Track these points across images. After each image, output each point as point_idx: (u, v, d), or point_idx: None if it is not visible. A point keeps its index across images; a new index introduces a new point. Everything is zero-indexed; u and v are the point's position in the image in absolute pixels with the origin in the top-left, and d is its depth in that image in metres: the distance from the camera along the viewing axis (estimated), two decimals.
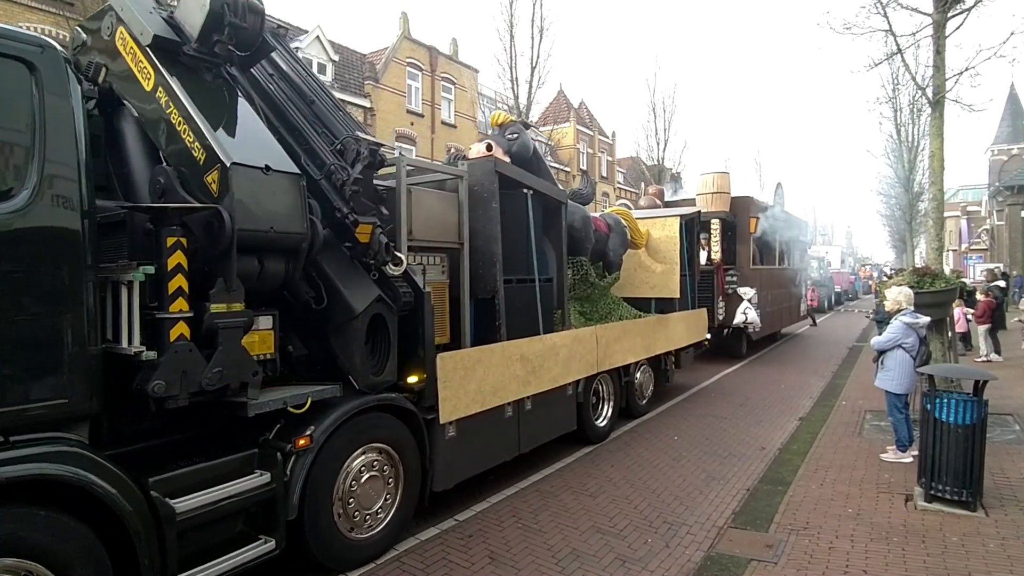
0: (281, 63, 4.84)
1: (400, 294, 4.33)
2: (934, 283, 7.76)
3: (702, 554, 4.36)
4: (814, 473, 5.97)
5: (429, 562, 4.27)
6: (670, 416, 8.61)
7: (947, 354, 8.19)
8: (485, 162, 5.89)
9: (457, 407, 4.83)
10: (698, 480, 5.95)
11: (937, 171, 8.69)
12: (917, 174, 25.92)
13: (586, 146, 36.03)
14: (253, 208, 3.48)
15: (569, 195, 8.36)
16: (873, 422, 7.78)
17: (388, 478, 4.44)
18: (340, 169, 4.18)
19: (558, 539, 4.64)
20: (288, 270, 3.80)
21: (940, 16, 8.21)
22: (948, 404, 4.90)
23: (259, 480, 3.62)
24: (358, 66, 22.49)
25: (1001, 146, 35.44)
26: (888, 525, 4.72)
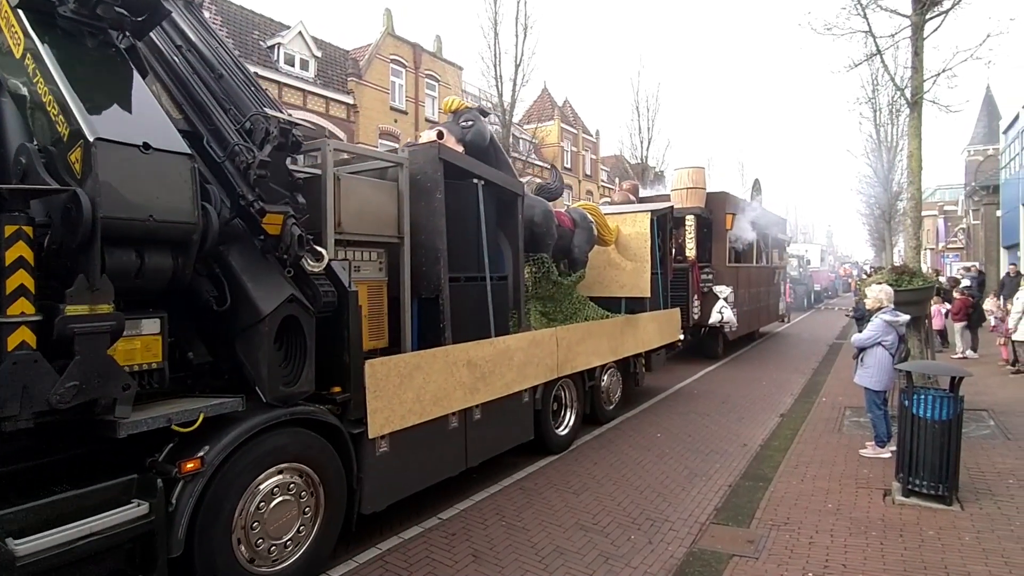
0: (190, 34, 4.37)
1: (320, 293, 3.82)
2: (912, 281, 7.87)
3: (684, 550, 4.37)
4: (795, 469, 6.02)
5: (412, 561, 4.23)
6: (653, 414, 8.62)
7: (924, 351, 8.32)
8: (428, 149, 5.40)
9: (390, 419, 4.35)
10: (681, 477, 5.97)
11: (915, 171, 8.79)
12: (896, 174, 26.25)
13: (570, 144, 36.07)
14: (126, 192, 2.96)
15: (536, 190, 8.16)
16: (852, 418, 7.87)
17: (304, 503, 3.87)
18: (245, 151, 3.68)
19: (542, 537, 4.63)
20: (177, 266, 3.28)
21: (918, 18, 8.31)
22: (925, 400, 4.95)
23: (134, 512, 3.04)
24: (341, 62, 22.29)
25: (977, 147, 36.04)
26: (867, 520, 4.76)
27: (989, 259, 27.11)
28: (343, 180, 4.62)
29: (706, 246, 13.64)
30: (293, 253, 3.70)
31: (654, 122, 30.28)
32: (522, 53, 20.48)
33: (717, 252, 13.67)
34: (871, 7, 8.89)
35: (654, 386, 10.22)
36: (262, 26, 20.15)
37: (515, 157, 24.02)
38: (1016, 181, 23.41)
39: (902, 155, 23.45)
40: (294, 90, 19.38)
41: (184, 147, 3.36)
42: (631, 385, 8.86)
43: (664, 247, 10.09)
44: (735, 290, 13.66)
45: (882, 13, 8.89)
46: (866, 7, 8.91)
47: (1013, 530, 4.48)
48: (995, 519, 4.68)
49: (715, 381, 11.25)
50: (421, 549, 4.41)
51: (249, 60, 17.81)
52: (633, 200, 12.58)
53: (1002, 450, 6.37)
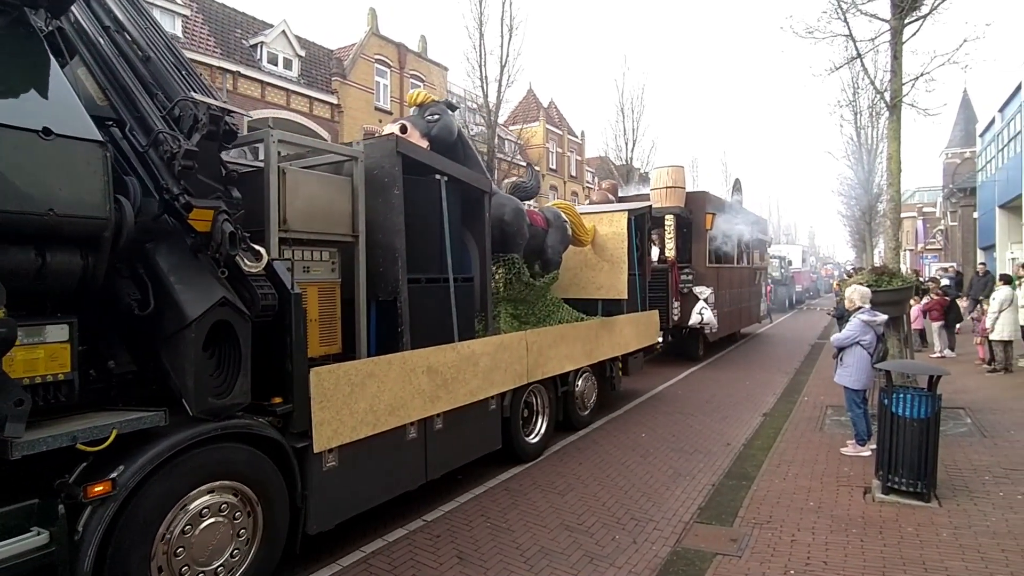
0: (118, 13, 4.08)
1: (259, 296, 3.52)
2: (891, 282, 7.98)
3: (668, 549, 4.39)
4: (777, 468, 6.07)
5: (396, 563, 4.20)
6: (637, 414, 8.64)
7: (903, 351, 8.45)
8: (385, 142, 5.06)
9: (339, 431, 4.04)
10: (665, 476, 6.00)
11: (894, 173, 8.91)
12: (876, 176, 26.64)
13: (555, 145, 36.14)
14: (20, 183, 2.67)
15: (510, 188, 7.97)
16: (833, 417, 7.94)
17: (239, 524, 3.54)
18: (170, 139, 3.35)
19: (527, 538, 4.63)
20: (88, 266, 2.97)
21: (897, 22, 8.42)
22: (904, 399, 5.01)
23: (31, 542, 2.71)
24: (325, 62, 22.15)
25: (954, 149, 36.69)
26: (847, 517, 4.82)
27: (966, 260, 27.60)
28: (289, 174, 4.30)
29: (686, 246, 13.49)
30: (225, 252, 3.39)
31: (639, 123, 30.43)
32: (507, 54, 20.48)
33: (697, 252, 13.47)
34: (851, 11, 8.98)
35: (635, 389, 10.08)
36: (245, 25, 19.97)
37: (500, 158, 23.94)
38: (992, 183, 23.85)
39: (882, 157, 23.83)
40: (277, 89, 19.23)
41: (95, 134, 3.02)
42: (607, 390, 8.59)
43: (642, 247, 9.83)
44: (715, 291, 13.50)
45: (862, 17, 9.00)
46: (846, 11, 9.01)
47: (989, 525, 4.54)
48: (972, 515, 4.75)
49: (697, 383, 11.16)
50: (405, 551, 4.39)
51: (231, 59, 17.66)
52: (612, 200, 12.33)
53: (978, 447, 6.47)
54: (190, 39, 17.00)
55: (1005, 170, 21.93)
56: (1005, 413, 7.78)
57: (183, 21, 16.94)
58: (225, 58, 17.47)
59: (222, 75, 17.32)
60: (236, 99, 17.30)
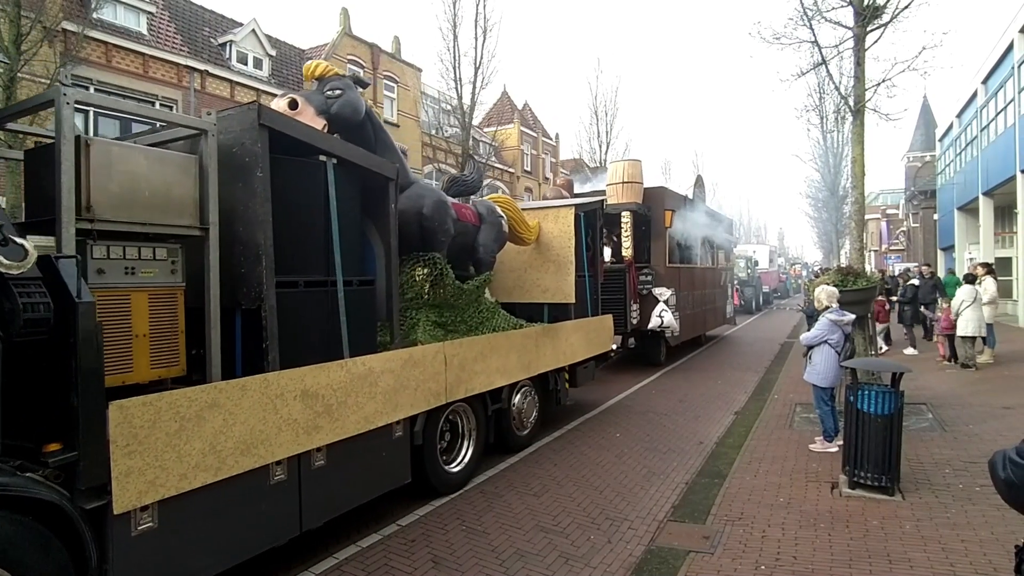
0: None
1: (20, 307, 2.68)
2: (856, 282, 8.20)
3: (643, 548, 4.44)
4: (748, 465, 6.17)
5: (371, 569, 4.17)
6: (612, 414, 8.70)
7: (868, 349, 8.67)
8: (245, 113, 4.06)
9: (158, 482, 3.10)
10: (639, 476, 6.05)
11: (858, 176, 9.16)
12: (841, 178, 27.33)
13: (530, 147, 36.18)
14: None
15: (448, 182, 7.41)
16: (803, 414, 8.10)
17: None
18: None
19: (502, 540, 4.63)
20: None
21: (860, 30, 8.67)
22: (869, 396, 5.14)
23: None
24: (296, 62, 21.79)
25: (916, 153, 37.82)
26: (816, 512, 4.92)
27: (928, 258, 28.45)
28: (96, 147, 3.37)
29: (644, 246, 12.81)
30: None
31: (612, 125, 30.70)
32: (481, 55, 20.43)
33: (656, 252, 12.79)
34: (816, 18, 9.26)
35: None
36: (213, 23, 19.59)
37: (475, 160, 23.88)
38: (951, 186, 24.65)
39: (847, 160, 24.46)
40: (247, 89, 18.90)
41: None
42: (551, 404, 7.73)
43: (594, 246, 9.09)
44: (677, 292, 12.94)
45: (827, 24, 9.28)
46: (812, 18, 9.27)
47: (949, 517, 4.70)
48: (933, 507, 4.90)
49: (667, 385, 10.89)
50: (380, 557, 4.36)
51: (199, 58, 17.33)
52: (567, 196, 11.46)
53: (939, 441, 6.65)
54: (155, 36, 16.61)
55: (963, 174, 22.70)
56: (964, 408, 8.01)
57: (148, 18, 16.52)
58: (192, 56, 17.09)
59: (189, 74, 16.94)
60: (204, 98, 16.96)
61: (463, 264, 6.89)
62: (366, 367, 4.51)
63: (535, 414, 7.27)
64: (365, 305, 4.96)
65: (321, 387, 4.09)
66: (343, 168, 4.74)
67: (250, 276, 3.98)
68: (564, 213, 8.16)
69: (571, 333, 7.79)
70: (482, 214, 7.19)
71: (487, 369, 5.99)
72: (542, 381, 7.41)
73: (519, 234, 7.75)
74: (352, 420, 4.35)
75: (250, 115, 4.01)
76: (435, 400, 5.26)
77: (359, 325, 4.81)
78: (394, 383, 4.77)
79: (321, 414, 4.08)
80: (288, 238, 4.19)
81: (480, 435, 6.11)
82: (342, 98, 5.24)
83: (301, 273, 4.37)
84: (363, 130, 5.57)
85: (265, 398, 3.69)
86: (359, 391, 4.42)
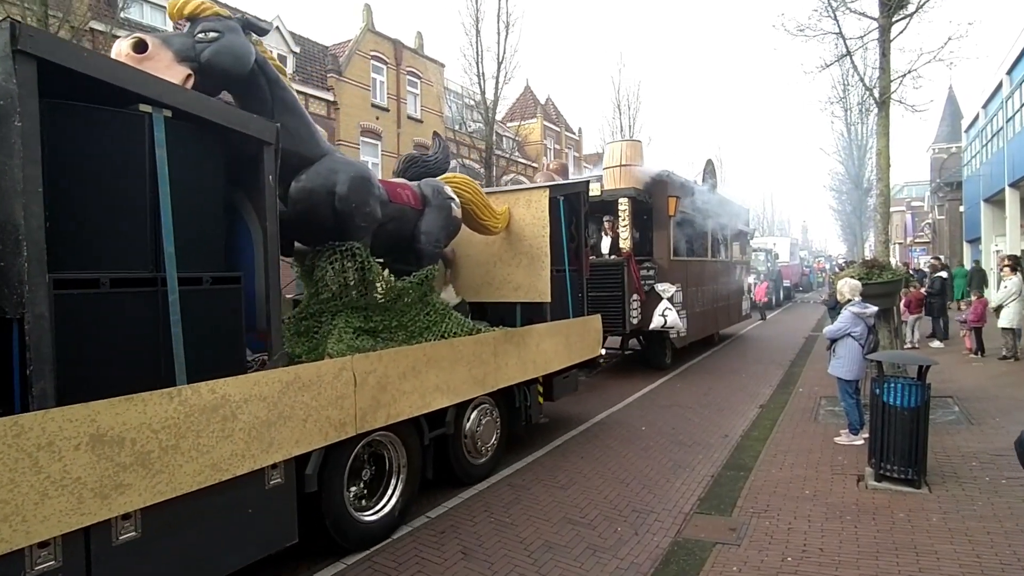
0: None
1: None
2: (882, 275, 8.16)
3: (669, 540, 4.48)
4: (774, 458, 6.19)
5: (401, 560, 4.24)
6: (637, 408, 8.75)
7: (894, 342, 8.63)
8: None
9: None
10: (665, 469, 6.10)
11: (884, 168, 9.09)
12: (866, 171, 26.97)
13: (553, 142, 36.21)
14: None
15: (405, 161, 6.53)
16: (828, 407, 8.08)
17: None
18: None
19: (530, 532, 4.68)
20: None
21: (885, 20, 8.60)
22: (895, 389, 5.14)
23: None
24: (320, 58, 22.05)
25: (941, 144, 37.07)
26: (842, 505, 4.93)
27: (953, 252, 27.99)
28: None
29: (646, 236, 11.59)
30: None
31: (635, 119, 30.51)
32: (504, 50, 20.53)
33: (659, 243, 11.35)
34: (841, 9, 9.19)
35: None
36: None
37: (498, 155, 23.88)
38: (977, 178, 24.17)
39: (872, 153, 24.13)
40: None
41: None
42: (517, 425, 6.44)
43: (578, 236, 7.72)
44: (683, 288, 11.59)
45: (851, 15, 9.22)
46: (836, 9, 9.21)
47: (976, 510, 4.69)
48: (960, 500, 4.90)
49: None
50: (410, 548, 4.43)
51: None
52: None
53: (966, 434, 6.61)
54: None
55: (989, 165, 22.26)
56: (991, 400, 7.95)
57: None
58: None
59: None
60: None
61: (405, 257, 5.93)
62: (216, 395, 3.28)
63: (495, 438, 6.05)
64: (225, 310, 3.64)
65: (129, 428, 2.88)
66: (187, 126, 3.47)
67: (9, 272, 2.80)
68: (537, 196, 6.81)
69: (544, 338, 6.51)
70: (426, 195, 5.99)
71: (421, 387, 4.79)
72: (506, 397, 6.21)
73: (481, 221, 6.54)
74: (188, 471, 3.12)
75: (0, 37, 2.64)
76: (338, 432, 4.04)
77: (212, 338, 3.52)
78: (267, 415, 3.54)
79: (129, 467, 2.88)
80: (81, 218, 3.07)
81: (413, 470, 4.91)
82: (219, 43, 3.96)
83: (107, 267, 3.14)
84: (252, 86, 4.37)
85: (17, 452, 2.50)
86: (203, 429, 3.20)
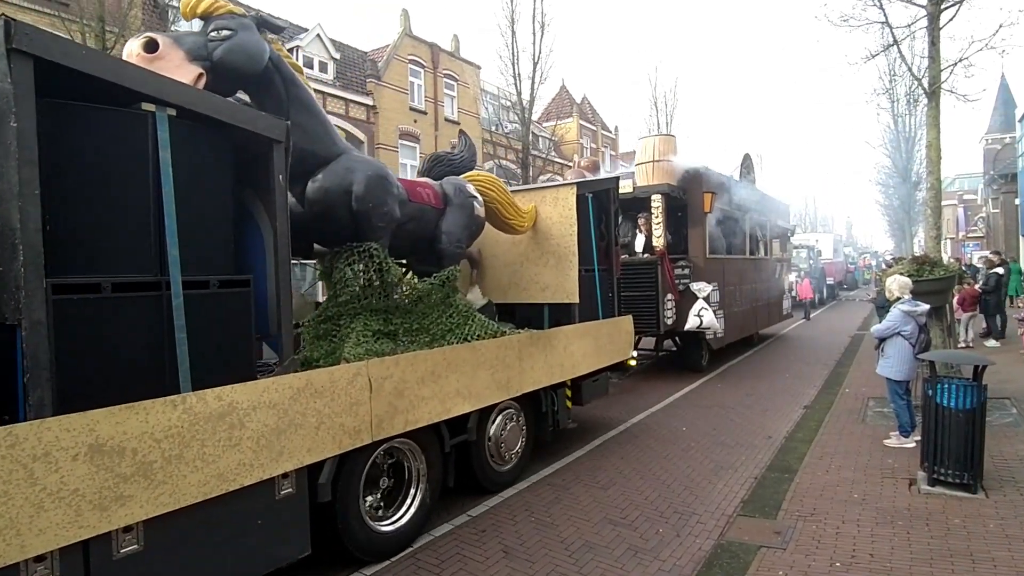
0: None
1: None
2: (933, 271, 7.89)
3: (712, 542, 4.43)
4: (820, 460, 6.05)
5: (443, 558, 4.30)
6: (677, 408, 8.68)
7: (947, 341, 8.32)
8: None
9: None
10: (707, 470, 6.03)
11: (934, 160, 8.81)
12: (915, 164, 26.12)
13: (589, 141, 36.08)
14: None
15: (431, 160, 6.45)
16: (876, 409, 7.87)
17: None
18: None
19: (571, 532, 4.68)
20: None
21: (934, 8, 8.32)
22: (949, 389, 4.98)
23: None
24: (359, 64, 22.48)
25: (994, 135, 35.54)
26: (893, 509, 4.80)
27: (1008, 247, 26.79)
28: None
29: (680, 234, 11.30)
30: None
31: (672, 117, 30.20)
32: (539, 51, 20.63)
33: (694, 241, 11.03)
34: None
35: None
36: None
37: (535, 155, 23.87)
38: None
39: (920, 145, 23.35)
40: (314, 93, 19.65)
41: None
42: (544, 430, 6.24)
43: (609, 235, 7.54)
44: (720, 288, 11.29)
45: (898, 4, 8.95)
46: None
47: None
48: (1018, 506, 4.72)
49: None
50: (452, 546, 4.49)
51: None
52: None
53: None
54: None
55: None
56: None
57: None
58: None
59: None
60: None
61: (428, 258, 5.83)
62: (223, 403, 3.20)
63: (521, 444, 5.89)
64: (234, 314, 3.58)
65: (130, 438, 2.82)
66: (193, 125, 3.43)
67: (6, 277, 2.77)
68: (564, 194, 6.69)
69: (572, 340, 6.33)
70: (447, 194, 5.89)
71: (441, 393, 4.65)
72: (532, 402, 6.07)
73: (507, 220, 6.43)
74: (193, 481, 3.05)
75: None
76: (353, 440, 3.94)
77: (220, 343, 3.48)
78: (277, 422, 3.47)
79: (130, 478, 2.82)
80: (83, 221, 3.02)
81: (433, 479, 4.79)
82: (232, 40, 3.94)
83: (110, 271, 3.09)
84: (267, 84, 4.36)
85: (12, 463, 2.45)
86: (209, 438, 3.13)
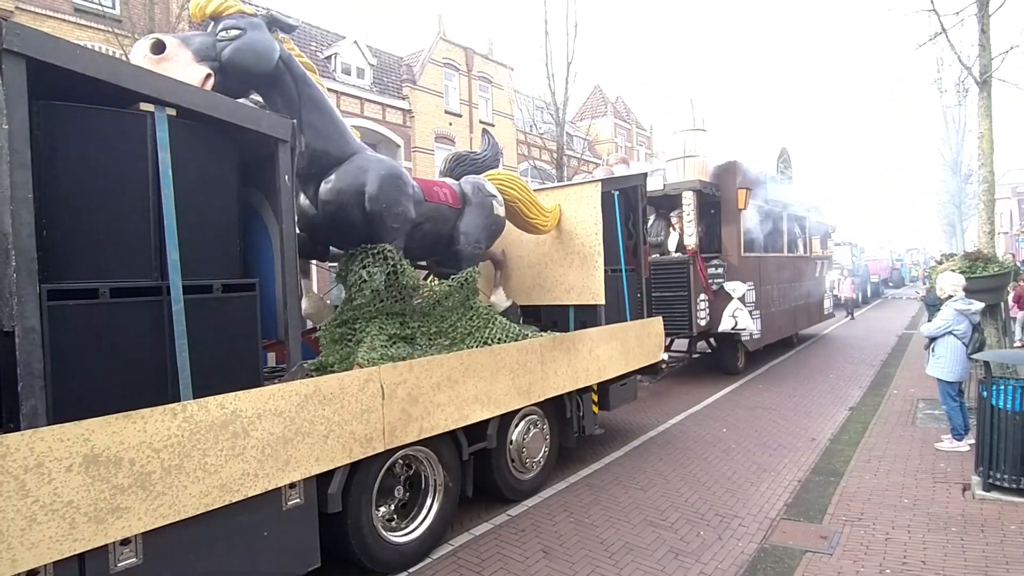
0: None
1: None
2: (987, 267, 7.60)
3: (755, 546, 4.36)
4: (867, 463, 5.90)
5: (484, 556, 4.34)
6: (717, 409, 8.56)
7: (1002, 340, 8.00)
8: None
9: None
10: (749, 472, 5.94)
11: (987, 152, 8.47)
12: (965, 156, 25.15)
13: (624, 140, 35.94)
14: None
15: (453, 159, 6.23)
16: (927, 411, 7.65)
17: None
18: None
19: (610, 533, 4.67)
20: None
21: None
22: (1005, 391, 4.78)
23: None
24: (395, 69, 22.87)
25: None
26: (946, 515, 4.65)
27: None
28: None
29: (714, 231, 11.00)
30: None
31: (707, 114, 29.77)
32: (573, 51, 20.55)
33: (728, 239, 10.64)
34: None
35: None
36: (319, 38, 20.95)
37: (569, 155, 23.84)
38: None
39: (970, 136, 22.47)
40: (351, 98, 20.02)
41: None
42: (568, 437, 6.05)
43: (636, 234, 7.24)
44: (756, 287, 10.83)
45: None
46: None
47: None
48: None
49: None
50: (492, 545, 4.52)
51: None
52: None
53: None
54: None
55: None
56: None
57: None
58: None
59: None
60: None
61: (446, 259, 5.69)
62: (226, 411, 3.11)
63: (544, 451, 5.71)
64: (239, 319, 3.48)
65: (127, 447, 2.74)
66: (194, 125, 3.34)
67: (1, 283, 2.75)
68: (589, 191, 6.46)
69: (598, 343, 6.09)
70: (466, 193, 5.70)
71: (458, 399, 4.51)
72: (556, 407, 5.90)
73: (529, 219, 6.26)
74: (194, 492, 2.96)
75: None
76: (364, 448, 3.82)
77: (224, 349, 3.38)
78: (283, 431, 3.36)
79: (127, 489, 2.74)
80: (80, 225, 2.96)
81: (451, 488, 4.65)
82: (241, 39, 3.87)
83: (108, 276, 3.02)
84: (278, 84, 4.25)
85: (2, 474, 2.39)
86: (210, 447, 3.04)
